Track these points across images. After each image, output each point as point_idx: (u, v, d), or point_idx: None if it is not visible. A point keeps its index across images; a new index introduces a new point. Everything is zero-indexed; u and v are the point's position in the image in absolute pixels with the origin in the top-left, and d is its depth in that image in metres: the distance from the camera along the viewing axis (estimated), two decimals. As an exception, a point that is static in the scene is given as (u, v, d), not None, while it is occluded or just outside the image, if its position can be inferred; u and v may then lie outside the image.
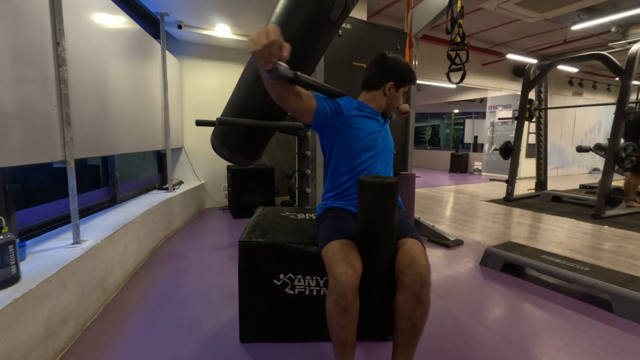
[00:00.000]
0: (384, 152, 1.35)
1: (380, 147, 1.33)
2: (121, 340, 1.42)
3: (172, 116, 3.32)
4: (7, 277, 1.16)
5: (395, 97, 1.36)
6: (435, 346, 1.40)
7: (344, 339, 1.02)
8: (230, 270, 2.18)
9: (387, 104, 1.37)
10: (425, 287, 0.98)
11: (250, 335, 1.41)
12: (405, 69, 1.34)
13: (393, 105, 1.39)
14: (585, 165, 9.02)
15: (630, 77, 3.56)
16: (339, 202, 1.33)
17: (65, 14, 1.55)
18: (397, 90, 1.35)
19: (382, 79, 1.33)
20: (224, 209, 4.05)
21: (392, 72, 1.32)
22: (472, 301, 1.81)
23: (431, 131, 14.09)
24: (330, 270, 1.02)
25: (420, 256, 1.01)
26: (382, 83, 1.33)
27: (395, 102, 1.38)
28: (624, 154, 3.78)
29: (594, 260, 2.43)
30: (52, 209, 1.92)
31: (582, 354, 1.36)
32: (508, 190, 4.76)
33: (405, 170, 3.01)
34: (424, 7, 2.76)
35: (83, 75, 1.77)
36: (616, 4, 3.96)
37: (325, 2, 1.56)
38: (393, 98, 1.36)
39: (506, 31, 5.13)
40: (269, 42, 0.87)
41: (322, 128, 1.26)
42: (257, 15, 3.07)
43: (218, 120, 1.84)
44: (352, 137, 1.27)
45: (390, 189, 1.00)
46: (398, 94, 1.36)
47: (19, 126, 1.31)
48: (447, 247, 2.70)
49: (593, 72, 7.69)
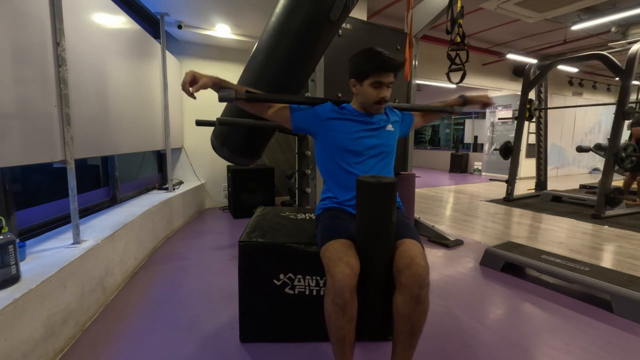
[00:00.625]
0: (374, 152, 1.33)
1: (366, 147, 1.31)
2: (121, 340, 1.42)
3: (172, 116, 3.32)
4: (7, 277, 1.16)
5: (363, 92, 1.29)
6: (435, 346, 1.40)
7: (343, 338, 1.02)
8: (230, 270, 2.17)
9: (360, 101, 1.33)
10: (424, 287, 0.98)
11: (250, 335, 1.41)
12: (358, 61, 1.27)
13: (367, 101, 1.30)
14: (585, 165, 9.02)
15: (630, 77, 3.56)
16: (334, 203, 1.33)
17: (65, 14, 1.55)
18: (362, 84, 1.28)
19: (349, 79, 1.33)
20: (224, 209, 4.05)
21: (351, 69, 1.31)
22: (472, 301, 1.81)
23: (431, 131, 14.09)
24: (328, 269, 1.02)
25: (419, 257, 1.01)
26: (350, 83, 1.33)
27: (366, 97, 1.29)
28: (624, 154, 3.78)
29: (594, 260, 2.43)
30: (52, 209, 1.92)
31: (582, 354, 1.36)
32: (508, 190, 4.76)
33: (405, 170, 3.01)
34: (424, 7, 2.76)
35: (83, 75, 1.77)
36: (616, 4, 3.96)
37: (325, 2, 1.56)
38: (362, 94, 1.30)
39: (506, 31, 5.13)
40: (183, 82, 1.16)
41: (305, 132, 1.40)
42: (257, 15, 3.07)
43: (218, 120, 1.84)
44: (331, 139, 1.33)
45: (388, 189, 1.00)
46: (365, 88, 1.28)
47: (19, 126, 1.31)
48: (447, 247, 2.70)
49: (593, 72, 7.69)
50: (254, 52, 1.90)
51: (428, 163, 10.67)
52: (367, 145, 1.32)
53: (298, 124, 1.36)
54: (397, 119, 1.46)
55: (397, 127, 1.44)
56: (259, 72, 1.82)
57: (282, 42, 1.70)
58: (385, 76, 1.24)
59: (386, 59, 1.22)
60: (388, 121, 1.39)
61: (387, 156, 1.37)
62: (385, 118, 1.40)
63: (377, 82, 1.25)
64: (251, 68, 1.88)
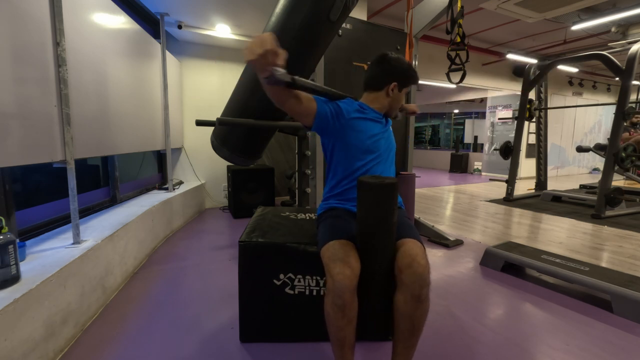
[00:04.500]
0: (386, 154, 1.36)
1: (382, 149, 1.34)
2: (121, 340, 1.42)
3: (172, 116, 3.32)
4: (7, 277, 1.16)
5: (398, 97, 1.36)
6: (435, 346, 1.40)
7: (343, 339, 1.02)
8: (230, 270, 2.17)
9: (390, 104, 1.37)
10: (425, 287, 0.98)
11: (250, 335, 1.41)
12: (408, 69, 1.34)
13: (396, 106, 1.39)
14: (585, 165, 9.02)
15: (630, 77, 3.56)
16: (340, 202, 1.33)
17: (65, 14, 1.55)
18: (400, 90, 1.35)
19: (385, 79, 1.32)
20: (224, 209, 4.05)
21: (396, 73, 1.32)
22: (472, 301, 1.81)
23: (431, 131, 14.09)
24: (328, 270, 1.02)
25: (420, 256, 1.01)
26: (385, 84, 1.32)
27: (397, 102, 1.38)
28: (624, 154, 3.78)
29: (594, 260, 2.43)
30: (52, 209, 1.92)
31: (581, 353, 1.36)
32: (508, 190, 4.76)
33: (406, 170, 3.01)
34: (424, 7, 2.76)
35: (83, 75, 1.77)
36: (616, 4, 3.96)
37: (325, 2, 1.56)
38: (396, 99, 1.36)
39: (506, 31, 5.13)
40: (264, 50, 0.90)
41: (323, 130, 1.27)
42: (257, 15, 3.07)
43: (218, 120, 1.84)
44: (353, 139, 1.27)
45: (389, 189, 1.00)
46: (401, 94, 1.37)
47: (19, 126, 1.31)
48: (447, 247, 2.70)
49: (593, 72, 7.68)
50: (254, 52, 1.90)
51: (428, 163, 10.67)
52: (382, 146, 1.34)
53: (322, 118, 1.23)
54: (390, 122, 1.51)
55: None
56: (258, 75, 1.81)
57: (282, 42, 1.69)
58: None
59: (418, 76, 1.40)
60: (389, 123, 1.45)
61: (393, 157, 1.43)
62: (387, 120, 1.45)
63: (406, 92, 1.39)
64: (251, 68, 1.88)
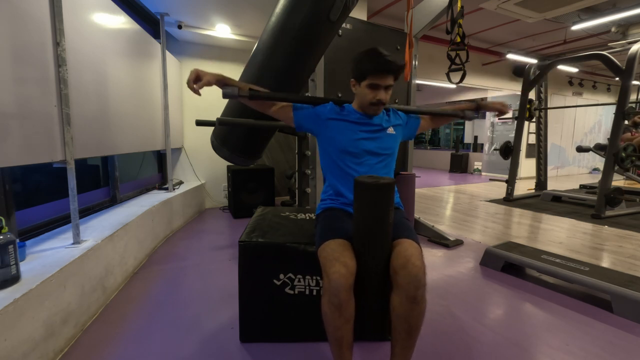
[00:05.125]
0: (374, 156, 1.32)
1: (366, 150, 1.30)
2: (121, 340, 1.42)
3: (172, 116, 3.32)
4: (7, 277, 1.16)
5: (361, 92, 1.28)
6: (435, 346, 1.40)
7: (340, 338, 1.02)
8: (230, 270, 2.18)
9: (359, 102, 1.33)
10: (420, 288, 0.97)
11: (250, 335, 1.41)
12: (359, 61, 1.24)
13: (363, 102, 1.29)
14: (585, 165, 9.02)
15: (630, 77, 3.56)
16: (334, 202, 1.33)
17: (65, 14, 1.55)
18: (360, 85, 1.27)
19: (350, 78, 1.32)
20: (224, 209, 4.05)
21: (351, 69, 1.30)
22: (472, 301, 1.81)
23: (431, 131, 14.09)
24: (324, 269, 1.02)
25: (415, 257, 1.00)
26: (350, 83, 1.32)
27: (363, 97, 1.28)
28: (624, 154, 3.78)
29: (594, 260, 2.43)
30: (52, 209, 1.92)
31: (581, 353, 1.36)
32: (508, 190, 4.76)
33: (405, 170, 3.01)
34: (424, 7, 2.76)
35: (83, 75, 1.77)
36: (616, 4, 3.96)
37: (325, 2, 1.56)
38: (360, 94, 1.30)
39: (506, 31, 5.13)
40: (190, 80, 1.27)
41: (309, 132, 1.41)
42: (257, 15, 3.07)
43: (218, 120, 1.84)
44: (330, 139, 1.34)
45: (384, 189, 1.00)
46: (363, 88, 1.26)
47: (19, 126, 1.31)
48: (447, 247, 2.70)
49: (593, 72, 7.68)
50: (254, 52, 1.90)
51: (428, 163, 10.67)
52: (366, 148, 1.31)
53: (300, 123, 1.38)
54: (400, 122, 1.43)
55: (399, 131, 1.42)
56: (259, 72, 1.82)
57: (282, 42, 1.70)
58: (382, 78, 1.22)
59: (385, 61, 1.19)
60: (389, 124, 1.38)
61: (386, 159, 1.35)
62: (387, 120, 1.38)
63: (374, 83, 1.23)
64: (251, 68, 1.88)
